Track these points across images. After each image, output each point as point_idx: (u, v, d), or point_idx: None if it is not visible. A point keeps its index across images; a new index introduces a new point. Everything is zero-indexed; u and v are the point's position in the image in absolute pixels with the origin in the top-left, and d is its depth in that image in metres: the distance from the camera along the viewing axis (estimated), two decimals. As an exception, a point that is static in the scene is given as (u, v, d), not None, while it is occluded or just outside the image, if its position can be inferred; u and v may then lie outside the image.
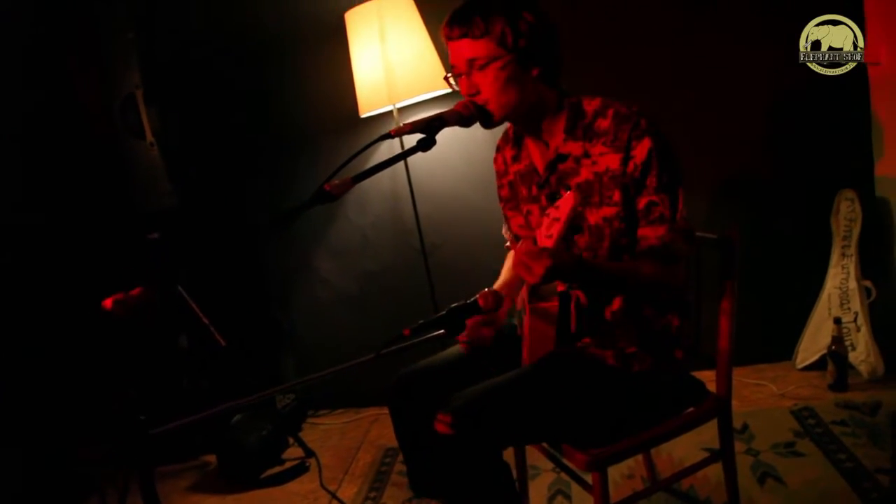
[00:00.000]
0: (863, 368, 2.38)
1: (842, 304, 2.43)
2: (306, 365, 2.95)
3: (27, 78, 2.25)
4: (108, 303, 1.02)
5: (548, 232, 1.18)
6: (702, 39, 2.43)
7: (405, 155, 1.36)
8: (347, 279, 2.85)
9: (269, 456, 2.54)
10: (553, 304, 1.34)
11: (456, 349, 1.56)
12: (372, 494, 2.24)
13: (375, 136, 2.58)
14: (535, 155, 1.50)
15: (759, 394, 2.43)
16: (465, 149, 2.62)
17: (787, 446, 2.08)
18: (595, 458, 1.38)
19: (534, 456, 1.90)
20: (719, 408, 1.52)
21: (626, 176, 1.34)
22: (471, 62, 1.34)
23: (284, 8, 2.60)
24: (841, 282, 2.43)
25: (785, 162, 2.50)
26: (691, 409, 1.52)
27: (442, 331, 1.36)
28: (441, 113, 1.37)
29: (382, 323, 2.79)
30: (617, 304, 1.42)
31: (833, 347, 2.34)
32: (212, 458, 2.64)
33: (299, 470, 2.48)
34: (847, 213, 2.41)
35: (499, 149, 1.63)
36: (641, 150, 1.33)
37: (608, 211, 1.36)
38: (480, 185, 2.60)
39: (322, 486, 2.27)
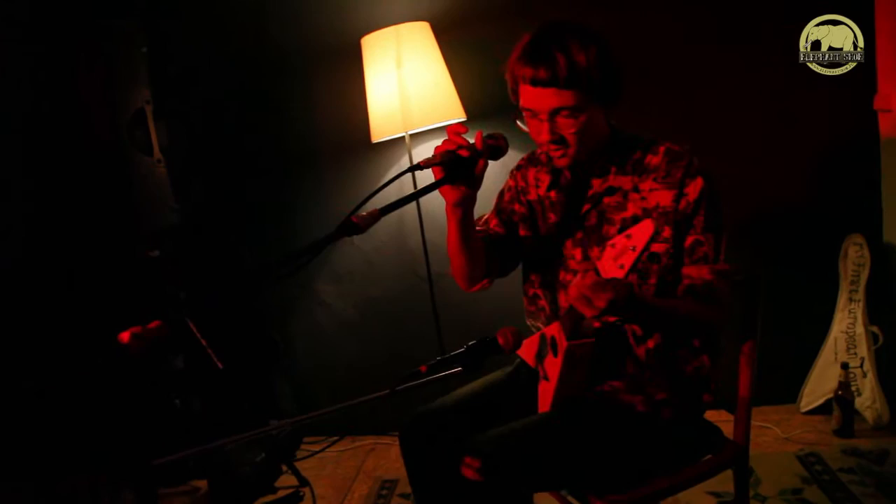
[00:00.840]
0: (868, 415, 2.36)
1: (848, 349, 2.42)
2: (303, 390, 2.89)
3: (34, 89, 2.21)
4: (125, 336, 0.97)
5: (619, 261, 1.13)
6: (703, 83, 2.45)
7: (434, 187, 1.31)
8: (348, 304, 2.81)
9: (262, 484, 2.47)
10: (590, 342, 1.31)
11: (469, 388, 1.52)
12: (368, 529, 2.18)
13: (386, 162, 2.64)
14: (578, 186, 1.45)
15: (764, 437, 2.40)
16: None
17: (795, 493, 2.05)
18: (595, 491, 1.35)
19: (539, 496, 1.85)
20: (737, 457, 1.49)
21: (679, 213, 1.33)
22: (556, 111, 1.29)
23: (299, 29, 2.58)
24: (848, 326, 2.42)
25: (793, 205, 2.50)
26: (709, 456, 1.49)
27: (459, 368, 1.33)
28: (472, 145, 1.31)
29: (383, 349, 2.75)
30: (652, 342, 1.39)
31: (839, 392, 2.33)
32: (203, 484, 2.57)
33: (293, 500, 2.41)
34: (855, 258, 2.41)
35: (520, 167, 1.57)
36: (694, 188, 1.33)
37: (658, 247, 1.34)
38: (488, 216, 2.58)
39: (317, 517, 2.21)
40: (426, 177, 1.33)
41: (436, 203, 2.63)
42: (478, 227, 1.57)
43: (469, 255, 1.44)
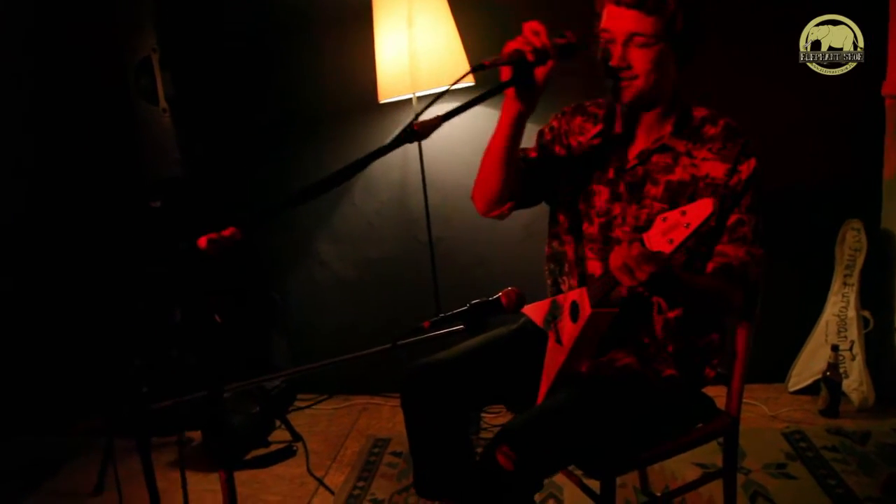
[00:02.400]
0: (854, 397, 2.41)
1: (839, 332, 2.45)
2: (298, 347, 2.91)
3: (38, 36, 2.17)
4: (202, 241, 1.03)
5: (669, 235, 1.09)
6: (713, 70, 2.43)
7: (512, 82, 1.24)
8: (347, 264, 2.82)
9: (256, 437, 2.50)
10: (614, 311, 1.31)
11: (472, 342, 1.54)
12: (360, 484, 2.22)
13: (392, 123, 2.62)
14: (628, 139, 1.43)
15: (751, 413, 2.45)
16: (478, 142, 2.58)
17: (779, 467, 2.10)
18: (609, 467, 1.38)
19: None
20: (729, 427, 1.52)
21: (728, 188, 1.33)
22: (632, 35, 1.27)
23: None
24: (840, 309, 2.46)
25: (793, 187, 2.51)
26: (700, 425, 1.53)
27: (461, 326, 1.34)
28: (541, 47, 1.22)
29: (379, 312, 2.77)
30: (672, 315, 1.40)
31: (828, 374, 2.37)
32: (196, 435, 2.60)
33: (286, 453, 2.45)
34: (852, 243, 2.43)
35: (565, 113, 1.53)
36: (748, 167, 1.33)
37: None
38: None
39: (309, 471, 2.24)
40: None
41: (438, 166, 2.64)
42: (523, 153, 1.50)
43: (506, 168, 1.38)
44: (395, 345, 1.29)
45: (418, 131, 1.15)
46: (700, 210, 1.07)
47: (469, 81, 2.36)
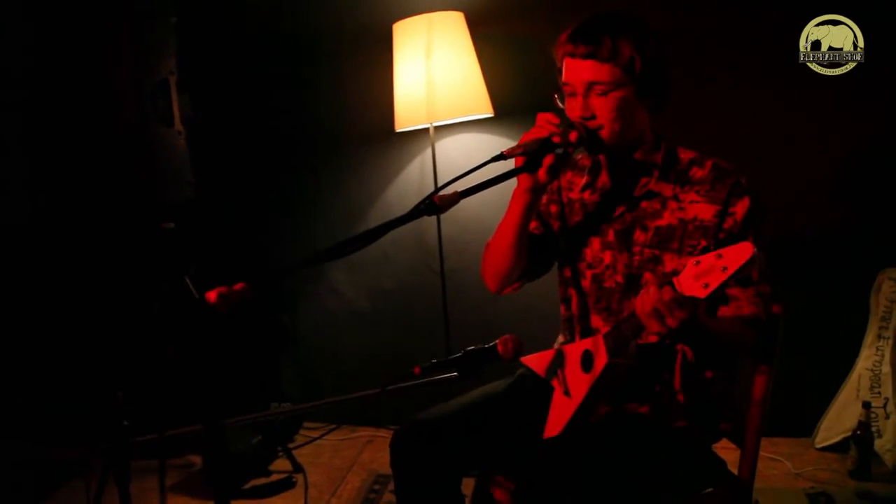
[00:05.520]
0: (888, 458, 2.25)
1: (872, 388, 2.31)
2: (307, 374, 2.87)
3: (56, 56, 2.20)
4: (212, 296, 1.00)
5: (704, 280, 1.03)
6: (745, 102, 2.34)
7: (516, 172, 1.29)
8: (360, 293, 2.78)
9: (256, 466, 2.46)
10: (629, 362, 1.26)
11: (468, 397, 1.46)
12: (357, 523, 2.15)
13: (408, 153, 2.59)
14: (615, 188, 1.41)
15: (774, 470, 2.31)
16: (494, 172, 2.54)
17: (801, 534, 1.96)
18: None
19: None
20: (742, 496, 1.41)
21: (724, 231, 1.29)
22: (591, 85, 1.27)
23: (332, 10, 2.54)
24: (874, 364, 2.31)
25: (828, 231, 2.39)
26: (710, 489, 1.42)
27: (455, 373, 1.27)
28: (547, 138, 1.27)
29: (389, 341, 2.72)
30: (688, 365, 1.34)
31: (858, 432, 2.22)
32: (197, 459, 2.56)
33: (285, 485, 2.39)
34: (889, 293, 2.29)
35: (559, 175, 1.52)
36: (741, 207, 1.29)
37: None
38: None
39: (306, 506, 2.18)
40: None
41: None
42: None
43: (518, 249, 1.40)
44: (384, 390, 1.24)
45: (438, 205, 1.16)
46: (739, 253, 1.00)
47: (488, 113, 2.31)
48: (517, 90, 2.39)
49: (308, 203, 2.65)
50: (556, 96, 1.34)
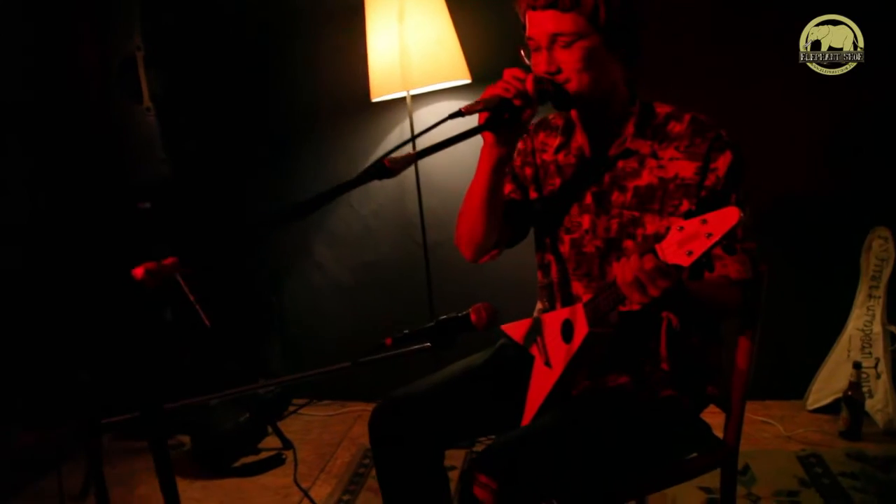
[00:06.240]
0: (879, 418, 2.24)
1: (863, 348, 2.28)
2: (293, 351, 2.84)
3: (23, 34, 2.13)
4: (139, 272, 0.92)
5: (687, 246, 0.98)
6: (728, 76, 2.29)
7: (479, 130, 1.23)
8: (344, 267, 2.74)
9: (245, 444, 2.44)
10: (610, 331, 1.21)
11: (447, 371, 1.43)
12: (346, 497, 2.13)
13: (386, 122, 2.52)
14: (590, 149, 1.35)
15: (765, 433, 2.29)
16: (476, 144, 2.48)
17: (791, 495, 1.95)
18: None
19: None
20: (727, 459, 1.39)
21: (704, 188, 1.23)
22: (554, 37, 1.19)
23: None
24: (864, 324, 2.28)
25: (817, 193, 2.35)
26: (695, 454, 1.40)
27: (427, 343, 1.24)
28: (524, 91, 1.20)
29: (375, 315, 2.68)
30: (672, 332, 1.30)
31: (849, 393, 2.20)
32: (186, 439, 2.55)
33: (274, 462, 2.38)
34: (879, 252, 2.26)
35: (528, 132, 1.46)
36: (723, 161, 1.23)
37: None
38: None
39: (296, 482, 2.16)
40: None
41: (435, 169, 2.54)
42: None
43: (489, 213, 1.33)
44: (355, 363, 1.21)
45: (389, 168, 1.07)
46: (725, 219, 0.95)
47: (465, 79, 2.25)
48: (495, 55, 2.32)
49: (286, 176, 2.59)
50: (521, 52, 1.28)
